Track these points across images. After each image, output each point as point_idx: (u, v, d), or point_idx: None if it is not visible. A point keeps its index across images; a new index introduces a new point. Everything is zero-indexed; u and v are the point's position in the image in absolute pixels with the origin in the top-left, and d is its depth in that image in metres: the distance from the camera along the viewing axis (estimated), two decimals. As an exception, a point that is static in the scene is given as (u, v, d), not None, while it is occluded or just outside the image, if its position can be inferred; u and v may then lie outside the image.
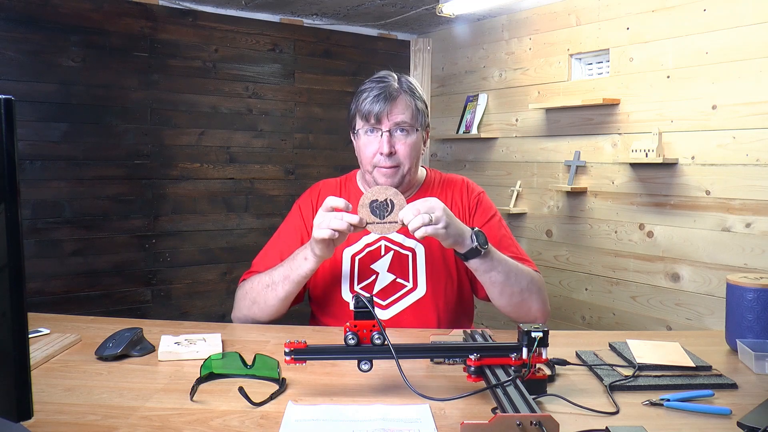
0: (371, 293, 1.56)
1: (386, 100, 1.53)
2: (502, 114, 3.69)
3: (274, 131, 3.78)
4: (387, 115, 1.53)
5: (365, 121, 1.55)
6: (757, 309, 1.29)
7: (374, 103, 1.53)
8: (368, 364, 1.08)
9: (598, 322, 3.16)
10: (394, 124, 1.54)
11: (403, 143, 1.55)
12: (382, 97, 1.53)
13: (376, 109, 1.53)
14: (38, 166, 3.06)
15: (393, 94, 1.54)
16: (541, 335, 1.05)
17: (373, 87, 1.56)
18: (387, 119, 1.53)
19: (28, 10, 3.00)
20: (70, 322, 1.53)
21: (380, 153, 1.54)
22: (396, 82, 1.57)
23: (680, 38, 2.73)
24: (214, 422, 0.96)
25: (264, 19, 3.70)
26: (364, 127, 1.56)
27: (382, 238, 1.60)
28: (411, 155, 1.56)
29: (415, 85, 1.60)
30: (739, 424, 0.95)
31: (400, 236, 1.60)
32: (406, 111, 1.55)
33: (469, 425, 0.86)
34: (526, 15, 3.51)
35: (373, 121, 1.54)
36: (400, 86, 1.56)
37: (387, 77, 1.59)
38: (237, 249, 3.67)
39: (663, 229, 2.85)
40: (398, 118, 1.54)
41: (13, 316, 0.79)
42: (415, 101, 1.57)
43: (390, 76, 1.59)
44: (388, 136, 1.53)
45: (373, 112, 1.53)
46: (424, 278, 1.58)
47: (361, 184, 1.70)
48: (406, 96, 1.56)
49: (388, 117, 1.53)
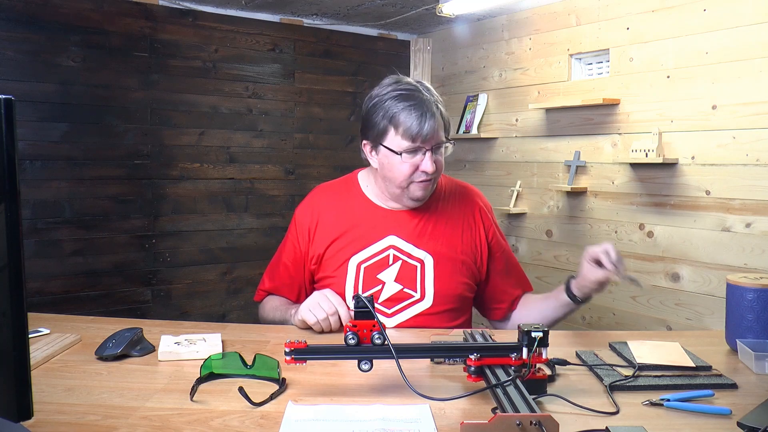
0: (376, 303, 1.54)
1: (431, 119, 1.48)
2: (502, 114, 3.69)
3: (274, 131, 3.78)
4: (434, 134, 1.50)
5: (410, 141, 1.49)
6: (757, 309, 1.29)
7: (421, 123, 1.47)
8: (368, 364, 1.08)
9: (598, 322, 3.16)
10: (436, 143, 1.51)
11: (441, 158, 1.55)
12: (428, 116, 1.48)
13: (425, 131, 1.47)
14: (38, 166, 3.06)
15: (432, 111, 1.49)
16: (541, 335, 1.05)
17: (409, 105, 1.49)
18: (433, 138, 1.50)
19: (28, 10, 3.00)
20: (70, 322, 1.53)
21: (423, 171, 1.51)
22: (425, 94, 1.52)
23: (680, 38, 2.73)
24: (214, 422, 0.96)
25: (264, 19, 3.70)
26: (407, 147, 1.50)
27: (391, 246, 1.58)
28: (442, 169, 1.58)
29: (437, 94, 1.56)
30: (739, 424, 0.95)
31: (409, 246, 1.58)
32: (441, 128, 1.53)
33: (469, 425, 0.86)
34: (526, 15, 3.51)
35: (419, 143, 1.49)
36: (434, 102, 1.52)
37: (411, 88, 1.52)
38: (237, 249, 3.67)
39: (663, 229, 2.85)
40: (439, 137, 1.52)
41: (13, 316, 0.79)
42: (444, 114, 1.54)
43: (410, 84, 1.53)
44: (430, 155, 1.51)
45: (421, 134, 1.47)
46: (432, 290, 1.56)
47: (370, 192, 1.65)
48: (440, 111, 1.53)
49: (430, 136, 1.49)
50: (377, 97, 1.54)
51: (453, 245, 1.60)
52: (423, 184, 1.54)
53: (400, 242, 1.58)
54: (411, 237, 1.59)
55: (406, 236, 1.59)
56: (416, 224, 1.60)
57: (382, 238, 1.58)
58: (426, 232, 1.60)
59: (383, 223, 1.60)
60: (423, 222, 1.60)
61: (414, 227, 1.60)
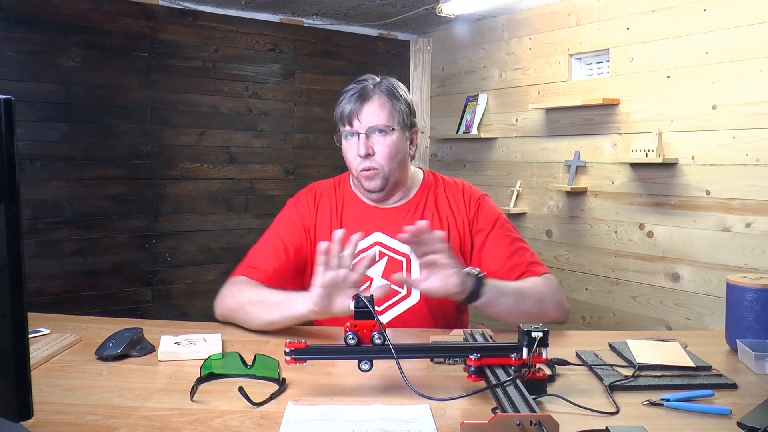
0: None
1: (359, 100, 1.51)
2: (502, 114, 3.69)
3: (274, 131, 3.78)
4: (358, 115, 1.51)
5: (342, 124, 1.54)
6: (757, 309, 1.29)
7: (348, 103, 1.52)
8: (368, 364, 1.08)
9: (598, 322, 3.16)
10: (369, 125, 1.51)
11: (381, 144, 1.52)
12: (355, 97, 1.52)
13: (347, 110, 1.51)
14: (38, 166, 3.06)
15: (367, 94, 1.52)
16: (541, 335, 1.05)
17: (350, 89, 1.55)
18: (359, 120, 1.51)
19: (28, 10, 3.00)
20: (70, 322, 1.53)
21: (358, 155, 1.52)
22: (372, 83, 1.55)
23: (680, 38, 2.73)
24: (214, 422, 0.96)
25: (264, 19, 3.70)
26: (344, 131, 1.55)
27: (377, 243, 1.58)
28: (390, 157, 1.53)
29: (396, 86, 1.57)
30: (739, 424, 0.95)
31: (395, 242, 1.58)
32: (382, 111, 1.52)
33: (469, 425, 0.86)
34: (526, 15, 3.51)
35: (347, 123, 1.52)
36: (377, 87, 1.54)
37: (366, 79, 1.57)
38: (237, 249, 3.66)
39: (663, 229, 2.85)
40: (372, 120, 1.51)
41: (13, 316, 0.79)
42: (392, 101, 1.53)
43: (370, 77, 1.57)
44: (364, 139, 1.51)
45: (345, 112, 1.52)
46: None
47: (356, 189, 1.67)
48: (382, 96, 1.53)
49: (360, 118, 1.51)
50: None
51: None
52: (365, 173, 1.53)
53: (386, 238, 1.59)
54: (396, 233, 1.57)
55: (391, 232, 1.58)
56: (402, 220, 1.59)
57: (368, 235, 1.59)
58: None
59: (370, 220, 1.61)
60: (409, 217, 1.60)
61: (400, 223, 1.58)
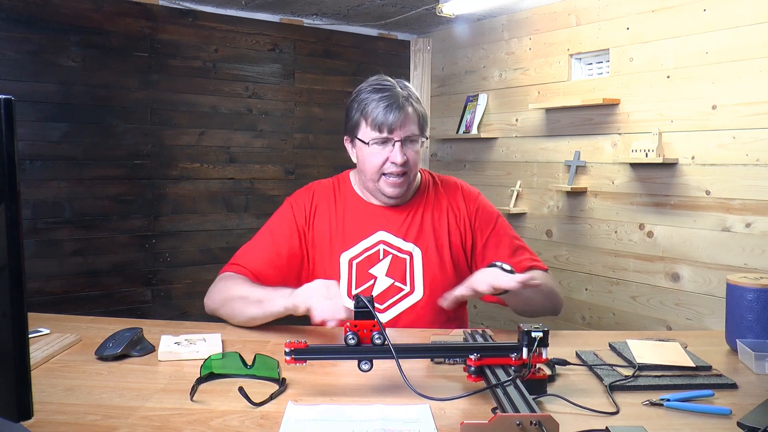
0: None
1: (398, 110, 1.52)
2: (502, 114, 3.69)
3: (274, 131, 3.78)
4: (397, 125, 1.52)
5: (377, 131, 1.53)
6: (757, 309, 1.29)
7: (387, 113, 1.52)
8: (368, 364, 1.08)
9: (598, 322, 3.16)
10: (406, 135, 1.54)
11: (412, 152, 1.56)
12: (394, 107, 1.52)
13: (390, 120, 1.51)
14: (38, 166, 3.06)
15: (402, 103, 1.53)
16: (541, 335, 1.05)
17: (380, 96, 1.54)
18: (399, 129, 1.53)
19: (28, 10, 3.00)
20: (70, 322, 1.53)
21: (392, 162, 1.54)
22: (400, 89, 1.56)
23: (680, 38, 2.73)
24: (214, 422, 0.96)
25: (264, 19, 3.70)
26: (375, 138, 1.54)
27: (381, 242, 1.60)
28: (417, 164, 1.59)
29: (414, 91, 1.60)
30: (739, 424, 0.95)
31: (398, 240, 1.61)
32: (415, 121, 1.56)
33: (469, 425, 0.86)
34: (526, 15, 3.51)
35: (386, 133, 1.53)
36: (407, 96, 1.56)
37: (387, 83, 1.57)
38: (237, 249, 3.64)
39: (663, 229, 2.85)
40: (409, 130, 1.54)
41: (13, 316, 0.79)
42: (418, 109, 1.57)
43: (387, 80, 1.58)
44: (400, 146, 1.53)
45: (387, 123, 1.52)
46: (421, 282, 1.58)
47: (359, 189, 1.68)
48: (413, 105, 1.56)
49: (399, 127, 1.53)
50: (355, 93, 1.60)
51: (439, 236, 1.62)
52: (393, 180, 1.56)
53: (390, 237, 1.61)
54: (399, 231, 1.61)
55: (394, 231, 1.61)
56: (404, 218, 1.63)
57: (372, 234, 1.61)
58: (414, 225, 1.62)
59: (373, 218, 1.62)
60: (411, 216, 1.63)
61: (402, 221, 1.62)
